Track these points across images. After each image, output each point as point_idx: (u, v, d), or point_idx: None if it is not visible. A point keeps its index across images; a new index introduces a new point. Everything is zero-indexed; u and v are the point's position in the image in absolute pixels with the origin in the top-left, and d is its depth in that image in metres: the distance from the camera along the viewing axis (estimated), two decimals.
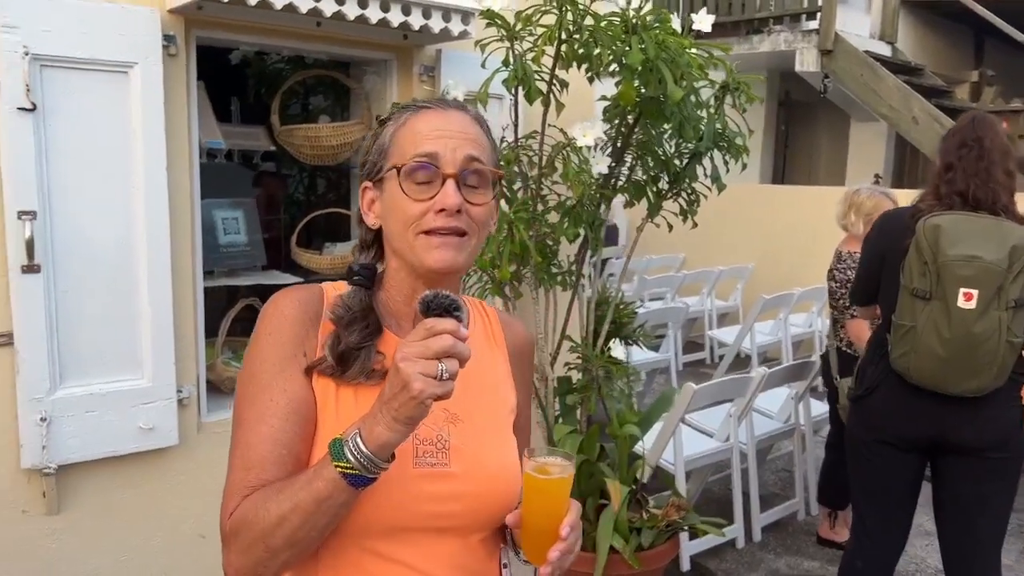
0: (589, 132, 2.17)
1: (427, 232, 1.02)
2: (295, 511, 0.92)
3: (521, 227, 2.17)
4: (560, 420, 2.61)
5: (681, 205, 2.70)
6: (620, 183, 2.63)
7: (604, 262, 6.97)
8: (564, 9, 1.98)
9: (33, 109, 1.99)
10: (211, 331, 2.58)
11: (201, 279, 2.42)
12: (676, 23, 2.24)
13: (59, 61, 2.02)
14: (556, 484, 1.02)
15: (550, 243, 2.44)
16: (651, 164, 2.58)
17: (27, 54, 1.97)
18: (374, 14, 2.27)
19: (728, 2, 7.12)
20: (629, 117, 2.43)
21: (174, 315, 2.26)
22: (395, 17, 2.31)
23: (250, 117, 3.11)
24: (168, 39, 2.19)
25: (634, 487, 2.59)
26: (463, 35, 2.42)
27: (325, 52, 2.66)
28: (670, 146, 2.56)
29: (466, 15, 2.40)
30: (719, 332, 5.95)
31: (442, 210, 1.01)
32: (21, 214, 2.01)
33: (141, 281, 2.20)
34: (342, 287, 1.09)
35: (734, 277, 6.70)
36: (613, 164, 2.39)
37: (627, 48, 2.02)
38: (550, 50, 2.10)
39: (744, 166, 2.66)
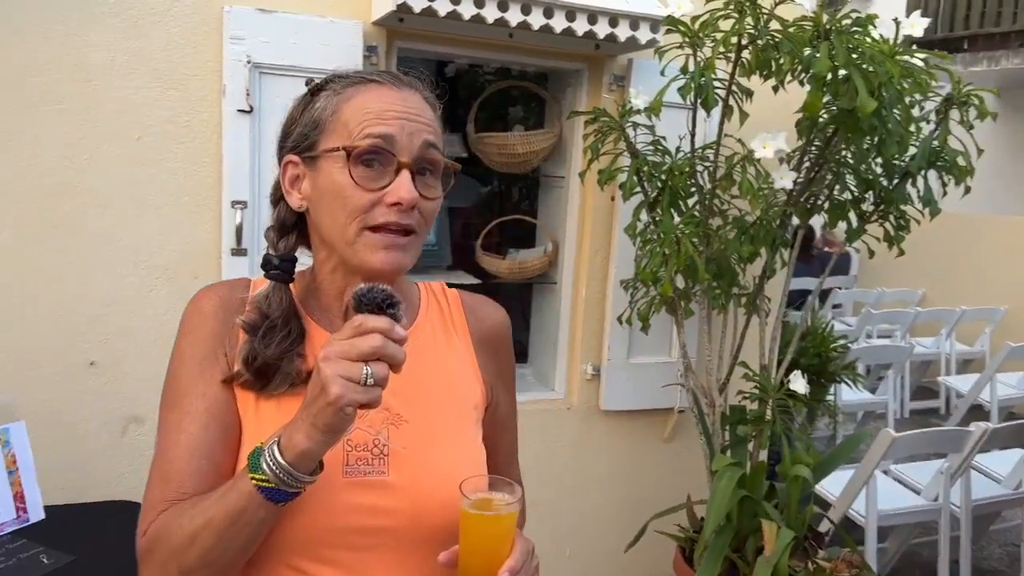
0: (769, 144, 2.02)
1: (374, 228, 0.90)
2: (208, 528, 0.81)
3: (689, 241, 2.07)
4: (728, 452, 2.45)
5: (887, 230, 2.44)
6: (818, 201, 2.43)
7: (828, 291, 6.50)
8: (743, 13, 1.86)
9: (250, 111, 2.25)
10: None
11: None
12: (888, 29, 2.03)
13: (273, 68, 2.25)
14: (494, 522, 0.88)
15: (727, 261, 2.30)
16: (853, 182, 2.35)
17: (249, 62, 2.22)
18: (559, 24, 2.29)
19: (997, 12, 6.32)
20: (828, 129, 2.23)
21: None
22: (580, 26, 2.31)
23: (457, 125, 3.26)
24: (370, 49, 2.37)
25: (806, 534, 2.37)
26: (651, 44, 2.37)
27: (517, 63, 2.73)
28: (876, 164, 2.32)
29: (654, 23, 2.35)
30: (955, 379, 5.27)
31: (395, 204, 0.89)
32: (235, 203, 2.27)
33: None
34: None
35: (981, 320, 5.91)
36: (800, 179, 2.21)
37: (815, 55, 1.86)
38: (730, 56, 1.99)
39: (967, 189, 2.35)
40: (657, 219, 2.24)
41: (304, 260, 1.03)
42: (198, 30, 2.22)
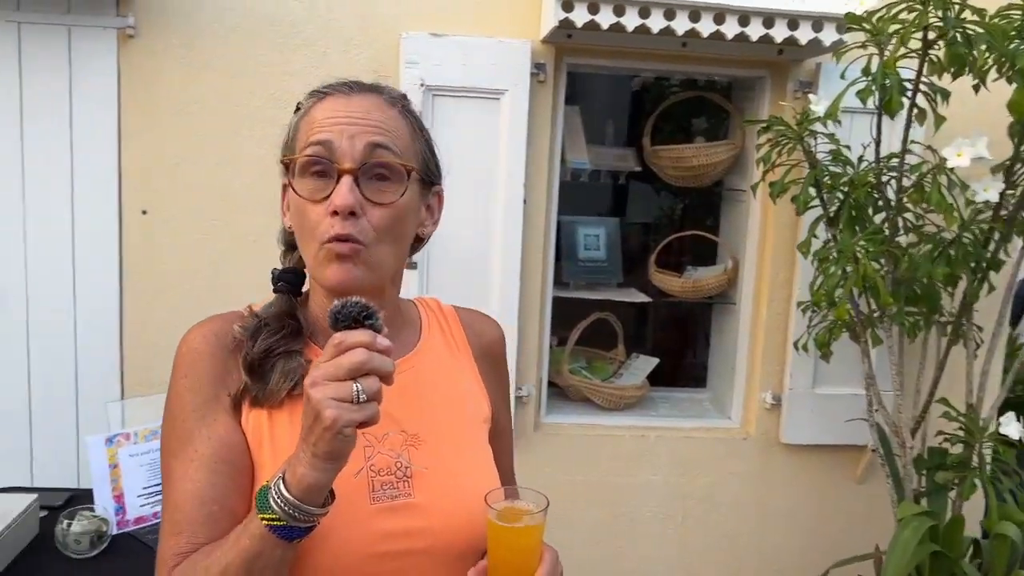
0: (965, 151, 1.76)
1: (327, 241, 0.86)
2: (226, 575, 0.79)
3: (868, 260, 1.86)
4: (924, 500, 2.16)
5: None
6: None
7: None
8: (927, 4, 1.64)
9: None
10: (566, 340, 2.74)
11: (550, 289, 2.58)
12: None
13: (444, 90, 2.34)
14: (522, 533, 0.86)
15: (923, 284, 2.04)
16: None
17: (422, 85, 2.33)
18: (730, 30, 2.17)
19: None
20: None
21: (519, 319, 2.45)
22: (754, 31, 2.18)
23: (634, 139, 3.21)
24: (538, 67, 2.38)
25: None
26: (837, 45, 2.17)
27: (695, 72, 2.62)
28: None
29: (841, 24, 2.15)
30: None
31: (335, 213, 0.85)
32: None
33: (493, 285, 2.43)
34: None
35: None
36: (1009, 191, 1.90)
37: (1021, 48, 1.59)
38: (917, 54, 1.76)
39: None
40: (836, 236, 2.04)
41: None
42: (379, 57, 2.37)
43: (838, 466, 2.66)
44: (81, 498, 1.77)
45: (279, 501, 0.76)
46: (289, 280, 0.97)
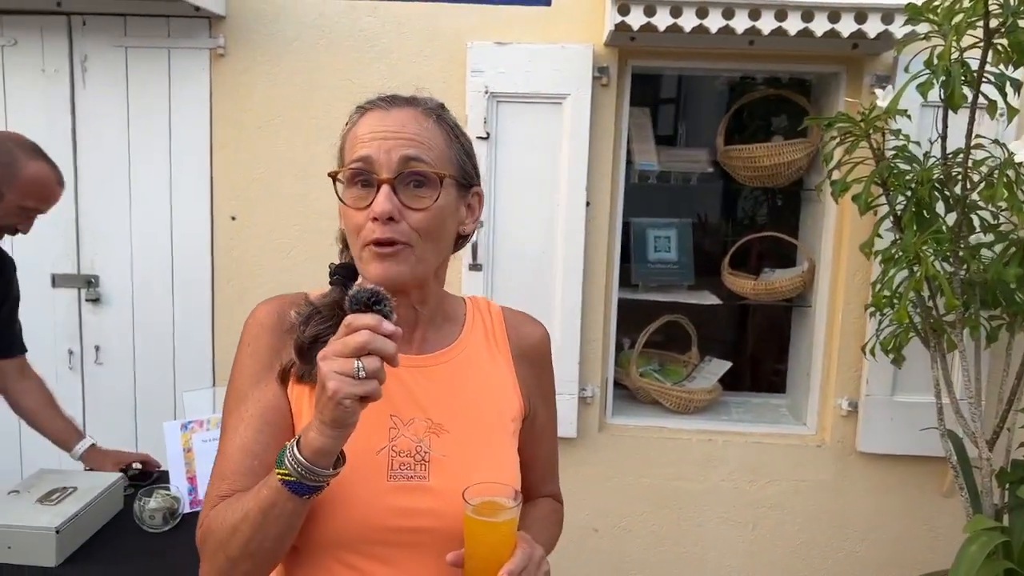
0: None
1: (371, 244, 0.95)
2: (245, 520, 0.89)
3: (930, 260, 1.77)
4: (1004, 516, 2.04)
5: None
6: None
7: None
8: None
9: (487, 137, 2.43)
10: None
11: (615, 291, 2.59)
12: None
13: (508, 97, 2.41)
14: (493, 527, 0.92)
15: (1000, 285, 1.93)
16: None
17: (487, 92, 2.41)
18: (793, 26, 2.13)
19: None
20: None
21: (582, 320, 2.48)
22: (819, 26, 2.12)
23: (708, 139, 3.16)
24: (601, 71, 2.41)
25: None
26: (910, 37, 2.07)
27: (763, 70, 2.57)
28: None
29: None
30: None
31: (376, 218, 0.93)
32: None
33: (556, 286, 2.47)
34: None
35: None
36: None
37: None
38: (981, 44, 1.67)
39: None
40: (902, 235, 1.96)
41: None
42: (446, 67, 2.46)
43: (920, 478, 2.53)
44: (164, 479, 1.94)
45: (292, 461, 0.86)
46: (343, 274, 1.05)
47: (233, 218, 2.54)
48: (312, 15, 2.46)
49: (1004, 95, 1.73)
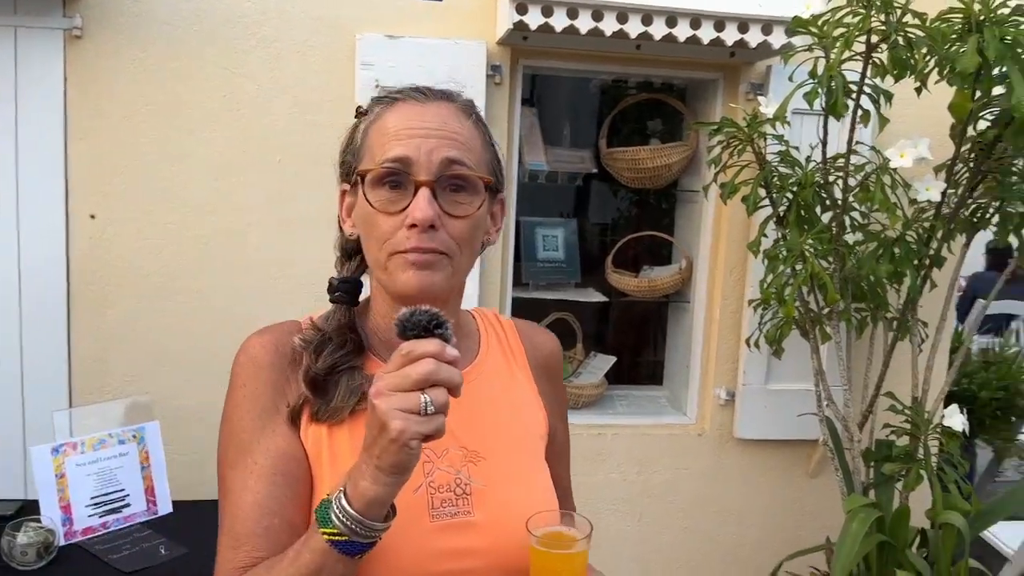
0: (908, 152, 1.82)
1: (402, 252, 0.86)
2: None
3: (815, 258, 1.90)
4: (872, 492, 2.22)
5: None
6: (984, 216, 2.16)
7: (1010, 317, 5.76)
8: (869, 9, 1.69)
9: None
10: None
11: (510, 289, 2.59)
12: None
13: None
14: (565, 560, 0.85)
15: (868, 281, 2.10)
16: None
17: (377, 86, 2.31)
18: (682, 32, 2.20)
19: None
20: (990, 134, 1.98)
21: None
22: (706, 34, 2.21)
23: (591, 141, 3.23)
24: (494, 69, 2.39)
25: None
26: (786, 48, 2.21)
27: (649, 75, 2.65)
28: None
29: (789, 28, 2.19)
30: None
31: (413, 225, 0.84)
32: None
33: None
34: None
35: None
36: (951, 190, 1.97)
37: (961, 51, 1.65)
38: (861, 57, 1.81)
39: None
40: (785, 235, 2.09)
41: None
42: (333, 59, 2.35)
43: (791, 460, 2.72)
44: (33, 509, 1.74)
45: (341, 516, 0.75)
46: (347, 290, 0.95)
47: (92, 216, 2.30)
48: None
49: (878, 106, 1.89)
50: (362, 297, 0.99)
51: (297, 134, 2.36)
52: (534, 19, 2.15)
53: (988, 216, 2.16)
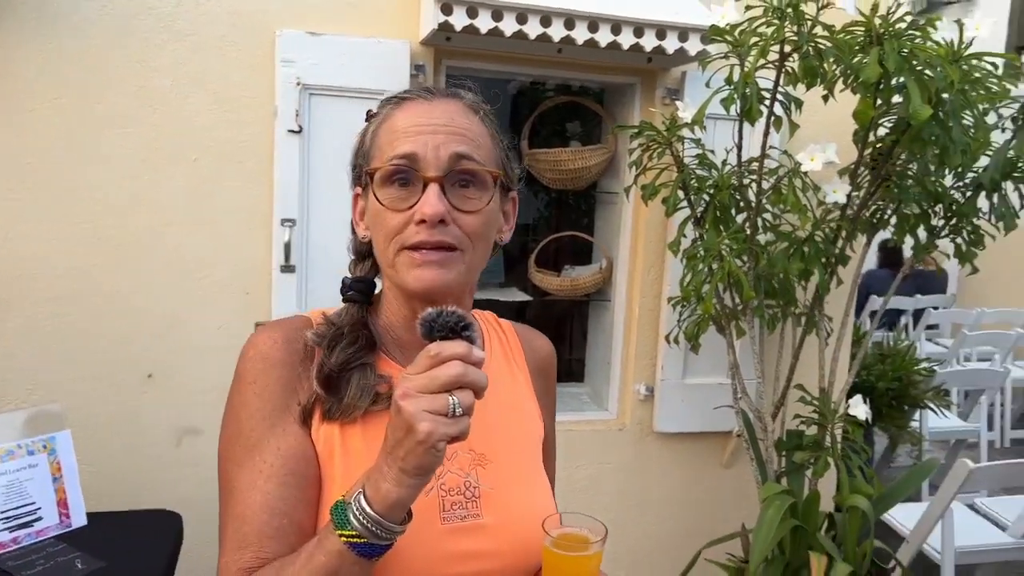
0: (817, 156, 1.93)
1: (412, 248, 0.87)
2: None
3: (732, 257, 1.99)
4: (784, 479, 2.33)
5: (959, 246, 2.28)
6: (882, 217, 2.30)
7: (922, 311, 6.15)
8: (784, 20, 1.78)
9: (300, 131, 2.31)
10: None
11: None
12: (951, 30, 1.91)
13: (322, 89, 2.31)
14: (579, 562, 0.86)
15: (779, 279, 2.20)
16: (919, 196, 2.22)
17: (299, 84, 2.29)
18: (604, 38, 2.26)
19: None
20: (889, 140, 2.12)
21: None
22: (626, 40, 2.27)
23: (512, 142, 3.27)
24: (418, 68, 2.39)
25: (870, 570, 2.22)
26: (701, 55, 2.30)
27: (569, 78, 2.70)
28: (944, 175, 2.18)
29: (705, 35, 2.28)
30: None
31: (423, 221, 0.85)
32: (284, 221, 2.33)
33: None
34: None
35: None
36: (855, 193, 2.10)
37: (864, 62, 1.76)
38: (774, 65, 1.91)
39: None
40: (702, 235, 2.17)
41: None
42: (253, 54, 2.30)
43: (707, 452, 2.82)
44: None
45: (361, 517, 0.74)
46: (361, 289, 0.96)
47: None
48: None
49: (789, 113, 1.99)
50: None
51: (216, 131, 2.30)
52: (459, 20, 2.16)
53: (887, 217, 2.31)
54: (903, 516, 2.90)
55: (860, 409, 2.23)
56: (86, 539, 1.71)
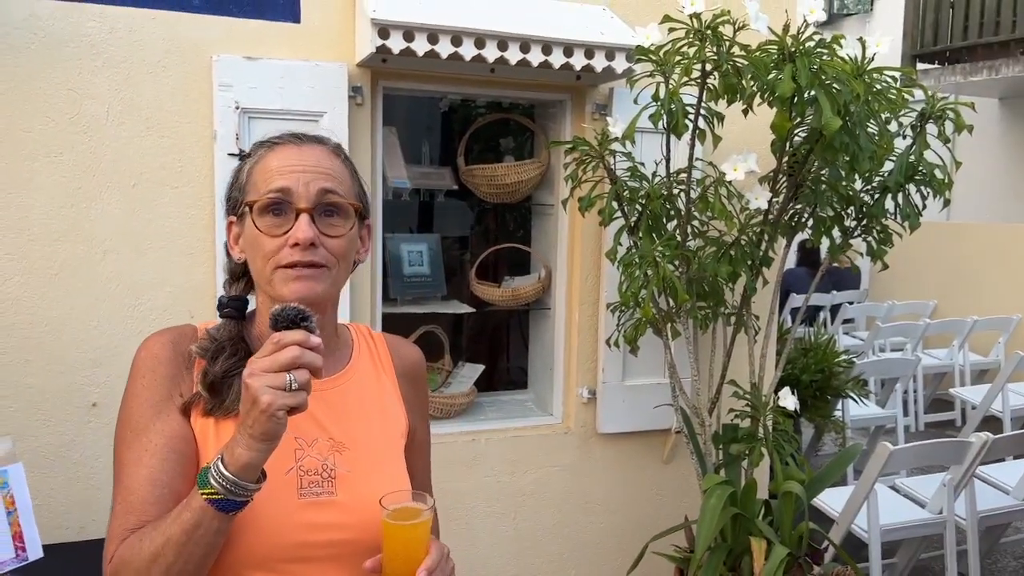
0: (740, 166, 2.06)
1: (286, 266, 1.02)
2: (167, 545, 0.91)
3: (666, 263, 2.11)
4: (722, 471, 2.46)
5: (871, 244, 2.46)
6: (800, 220, 2.47)
7: (838, 306, 6.47)
8: (704, 41, 1.92)
9: (240, 155, 2.32)
10: None
11: (380, 305, 2.64)
12: (856, 48, 2.08)
13: (261, 113, 2.34)
14: (410, 530, 1.01)
15: (710, 282, 2.34)
16: (833, 200, 2.39)
17: (237, 108, 2.31)
18: (535, 58, 2.35)
19: (996, 21, 6.32)
20: (803, 149, 2.28)
21: None
22: (557, 60, 2.37)
23: (450, 159, 3.34)
24: (355, 90, 2.44)
25: (805, 552, 2.37)
26: (628, 73, 2.42)
27: (504, 96, 2.80)
28: (855, 180, 2.35)
29: (630, 54, 2.41)
30: (968, 391, 5.22)
31: (296, 244, 1.01)
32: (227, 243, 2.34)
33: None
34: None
35: (995, 329, 5.85)
36: (775, 199, 2.25)
37: (779, 78, 1.90)
38: (697, 83, 2.04)
39: (947, 202, 2.39)
40: (637, 243, 2.29)
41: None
42: (188, 79, 2.31)
43: (648, 450, 2.94)
44: None
45: (218, 478, 0.89)
46: (236, 307, 1.10)
47: None
48: (22, 14, 2.15)
49: (712, 126, 2.13)
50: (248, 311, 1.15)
51: (152, 157, 2.30)
52: (396, 43, 2.23)
53: (804, 220, 2.48)
54: (832, 499, 3.08)
55: (789, 400, 2.38)
56: (42, 572, 1.70)
